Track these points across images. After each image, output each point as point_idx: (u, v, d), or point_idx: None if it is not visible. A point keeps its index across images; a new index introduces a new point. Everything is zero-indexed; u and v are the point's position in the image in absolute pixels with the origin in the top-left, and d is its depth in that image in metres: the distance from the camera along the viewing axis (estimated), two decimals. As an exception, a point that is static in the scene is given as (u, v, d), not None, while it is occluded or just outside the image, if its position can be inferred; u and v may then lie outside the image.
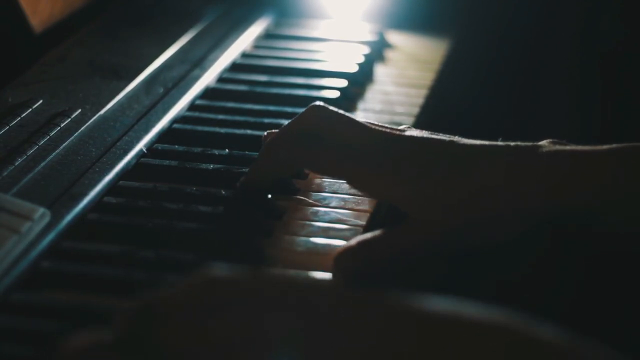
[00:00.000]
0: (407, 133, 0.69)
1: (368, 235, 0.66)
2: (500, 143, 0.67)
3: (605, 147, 0.66)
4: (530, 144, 0.67)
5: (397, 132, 0.69)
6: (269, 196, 0.70)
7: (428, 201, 0.65)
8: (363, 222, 0.70)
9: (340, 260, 0.65)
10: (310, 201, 0.72)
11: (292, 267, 0.64)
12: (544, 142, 0.67)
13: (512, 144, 0.67)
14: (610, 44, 1.21)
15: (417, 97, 0.92)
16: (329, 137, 0.68)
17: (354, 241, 0.66)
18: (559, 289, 0.87)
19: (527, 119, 1.22)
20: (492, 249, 0.68)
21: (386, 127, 0.69)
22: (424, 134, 0.69)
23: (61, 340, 0.47)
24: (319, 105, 0.69)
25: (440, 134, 0.69)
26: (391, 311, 0.45)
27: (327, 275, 0.64)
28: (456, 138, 0.68)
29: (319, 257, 0.65)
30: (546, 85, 1.25)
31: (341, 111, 0.70)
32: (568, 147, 0.66)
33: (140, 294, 0.48)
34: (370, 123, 0.69)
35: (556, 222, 0.66)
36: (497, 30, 1.19)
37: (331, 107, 0.69)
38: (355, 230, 0.69)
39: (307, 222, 0.69)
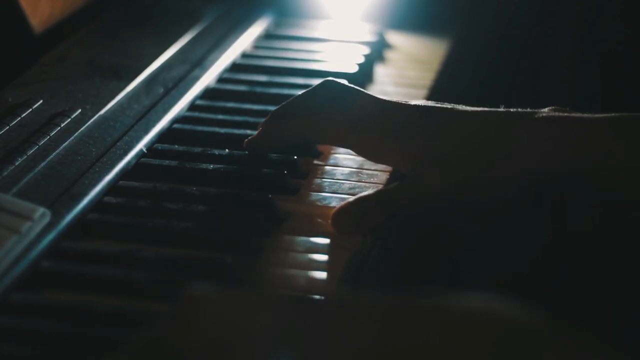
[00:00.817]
0: (412, 102, 0.72)
1: (365, 192, 0.70)
2: (499, 110, 0.69)
3: (602, 115, 0.67)
4: (530, 110, 0.68)
5: (402, 102, 0.72)
6: (269, 196, 0.70)
7: (427, 162, 0.68)
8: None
9: (337, 216, 0.68)
10: (309, 201, 0.72)
11: (292, 267, 0.64)
12: (545, 109, 0.68)
13: (512, 110, 0.68)
14: (610, 44, 1.21)
15: (417, 98, 0.92)
16: (338, 108, 0.71)
17: (351, 198, 0.69)
18: (557, 288, 0.87)
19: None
20: (486, 217, 0.70)
21: (392, 99, 0.73)
22: (428, 103, 0.71)
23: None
24: (330, 80, 0.74)
25: (445, 103, 0.71)
26: (390, 310, 0.45)
27: (326, 275, 0.64)
28: (459, 106, 0.71)
29: (319, 257, 0.65)
30: (546, 85, 1.25)
31: (350, 84, 0.73)
32: (566, 114, 0.67)
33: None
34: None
35: (550, 188, 0.67)
36: (497, 30, 1.19)
37: (341, 81, 0.74)
38: (355, 230, 0.69)
39: (307, 222, 0.69)
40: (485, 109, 0.70)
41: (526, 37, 1.21)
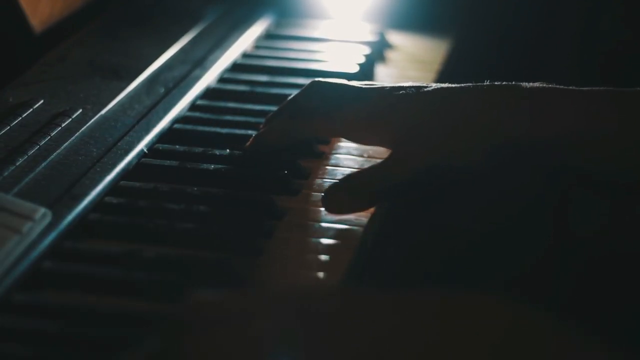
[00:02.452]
0: (389, 84, 0.74)
1: (351, 172, 0.72)
2: (482, 84, 0.71)
3: (591, 88, 0.68)
4: (514, 83, 0.70)
5: (381, 85, 0.75)
6: (271, 196, 0.70)
7: (408, 141, 0.69)
8: (363, 222, 0.70)
9: (327, 196, 0.70)
10: (310, 201, 0.72)
11: (292, 267, 0.64)
12: (533, 84, 0.69)
13: (497, 83, 0.70)
14: (610, 44, 1.21)
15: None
16: (325, 103, 0.73)
17: (339, 179, 0.71)
18: (558, 287, 0.87)
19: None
20: (471, 183, 0.71)
21: (374, 83, 0.76)
22: (406, 83, 0.74)
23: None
24: (317, 80, 0.76)
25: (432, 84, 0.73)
26: (390, 308, 0.45)
27: (328, 275, 0.64)
28: (444, 85, 0.72)
29: (320, 256, 0.65)
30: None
31: (336, 80, 0.75)
32: (550, 85, 0.68)
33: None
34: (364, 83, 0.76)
35: (533, 158, 0.67)
36: (498, 30, 1.19)
37: (328, 80, 0.75)
38: (355, 230, 0.69)
39: (308, 222, 0.69)
40: (468, 84, 0.71)
41: (526, 37, 1.21)
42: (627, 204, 0.71)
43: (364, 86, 0.75)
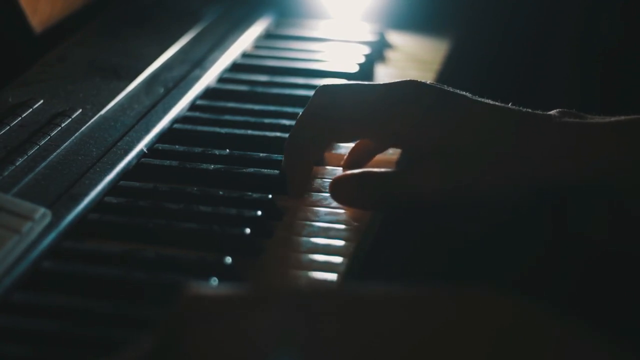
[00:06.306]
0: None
1: (371, 168, 0.70)
2: (513, 107, 0.69)
3: (613, 119, 0.67)
4: (542, 113, 0.68)
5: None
6: (270, 196, 0.70)
7: (429, 152, 0.68)
8: (363, 222, 0.70)
9: (337, 184, 0.69)
10: (310, 201, 0.72)
11: (292, 267, 0.64)
12: (554, 112, 0.68)
13: (524, 110, 0.69)
14: (610, 44, 1.21)
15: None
16: (341, 108, 0.71)
17: (356, 170, 0.70)
18: (557, 287, 0.87)
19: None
20: (485, 216, 0.69)
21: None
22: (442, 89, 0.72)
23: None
24: (323, 86, 0.72)
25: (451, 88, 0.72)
26: (389, 304, 0.45)
27: (327, 276, 0.64)
28: (498, 105, 0.70)
29: (319, 257, 0.65)
30: (546, 85, 1.25)
31: (344, 81, 0.73)
32: (576, 120, 0.67)
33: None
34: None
35: (558, 191, 0.67)
36: (498, 30, 1.19)
37: (334, 83, 0.73)
38: (355, 231, 0.69)
39: (308, 223, 0.69)
40: (497, 103, 0.70)
41: (526, 37, 1.22)
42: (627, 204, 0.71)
43: (377, 85, 0.72)
